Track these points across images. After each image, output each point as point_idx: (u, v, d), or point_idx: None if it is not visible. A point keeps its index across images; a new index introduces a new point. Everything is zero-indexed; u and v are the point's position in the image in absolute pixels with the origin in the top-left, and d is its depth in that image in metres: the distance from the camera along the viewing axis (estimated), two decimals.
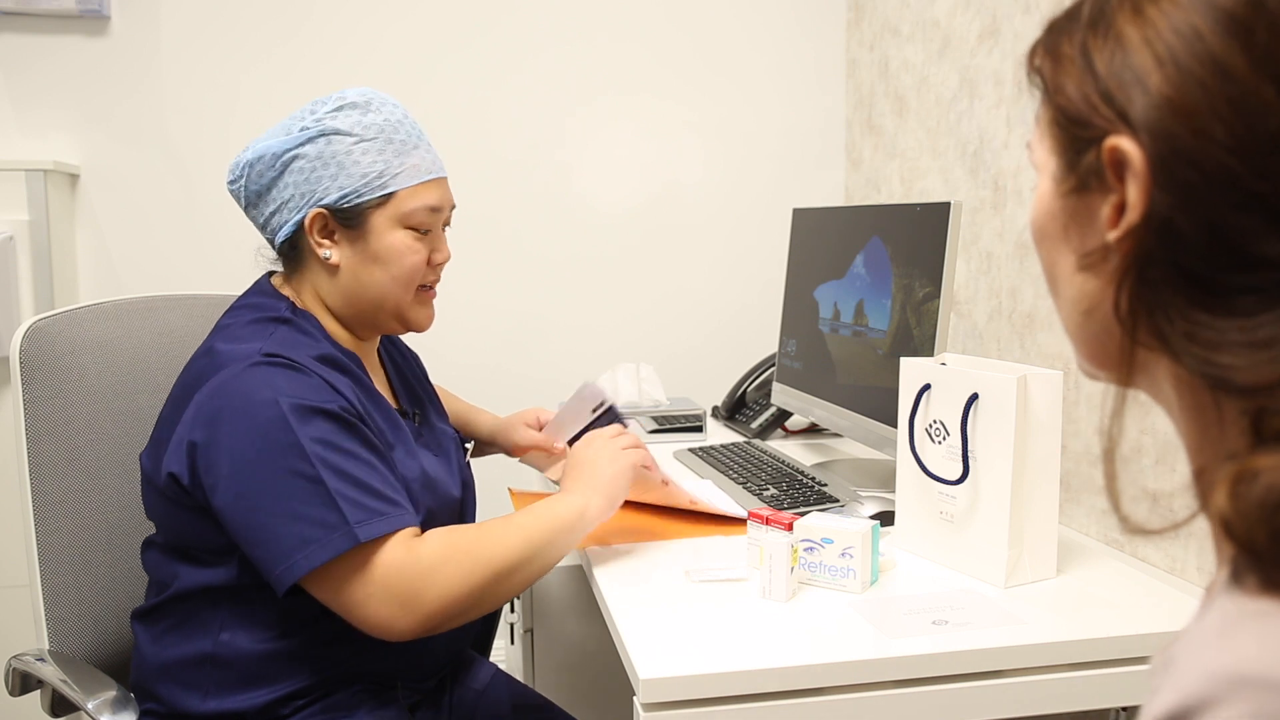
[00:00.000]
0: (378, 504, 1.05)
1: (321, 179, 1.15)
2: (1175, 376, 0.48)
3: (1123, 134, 0.46)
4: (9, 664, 1.21)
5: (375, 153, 1.16)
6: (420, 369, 1.45)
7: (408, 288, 1.20)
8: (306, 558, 1.01)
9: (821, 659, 0.98)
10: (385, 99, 1.21)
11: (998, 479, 1.14)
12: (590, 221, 2.39)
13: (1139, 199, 0.45)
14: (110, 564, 1.28)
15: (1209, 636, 0.41)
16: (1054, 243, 0.53)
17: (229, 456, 1.04)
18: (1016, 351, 1.64)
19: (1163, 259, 0.45)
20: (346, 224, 1.17)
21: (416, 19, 2.28)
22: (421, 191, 1.18)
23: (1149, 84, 0.44)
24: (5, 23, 2.12)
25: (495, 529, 1.12)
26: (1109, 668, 1.02)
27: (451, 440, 1.35)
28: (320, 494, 1.03)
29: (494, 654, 1.50)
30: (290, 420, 1.04)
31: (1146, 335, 0.47)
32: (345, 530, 1.02)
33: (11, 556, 1.86)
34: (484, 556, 1.08)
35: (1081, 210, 0.50)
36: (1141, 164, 0.45)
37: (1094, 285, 0.50)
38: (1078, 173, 0.49)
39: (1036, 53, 0.53)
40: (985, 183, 1.75)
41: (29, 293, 2.03)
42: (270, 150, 1.16)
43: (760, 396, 2.04)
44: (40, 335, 1.25)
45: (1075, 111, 0.49)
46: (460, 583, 1.06)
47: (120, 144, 2.19)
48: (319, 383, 1.09)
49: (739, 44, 2.41)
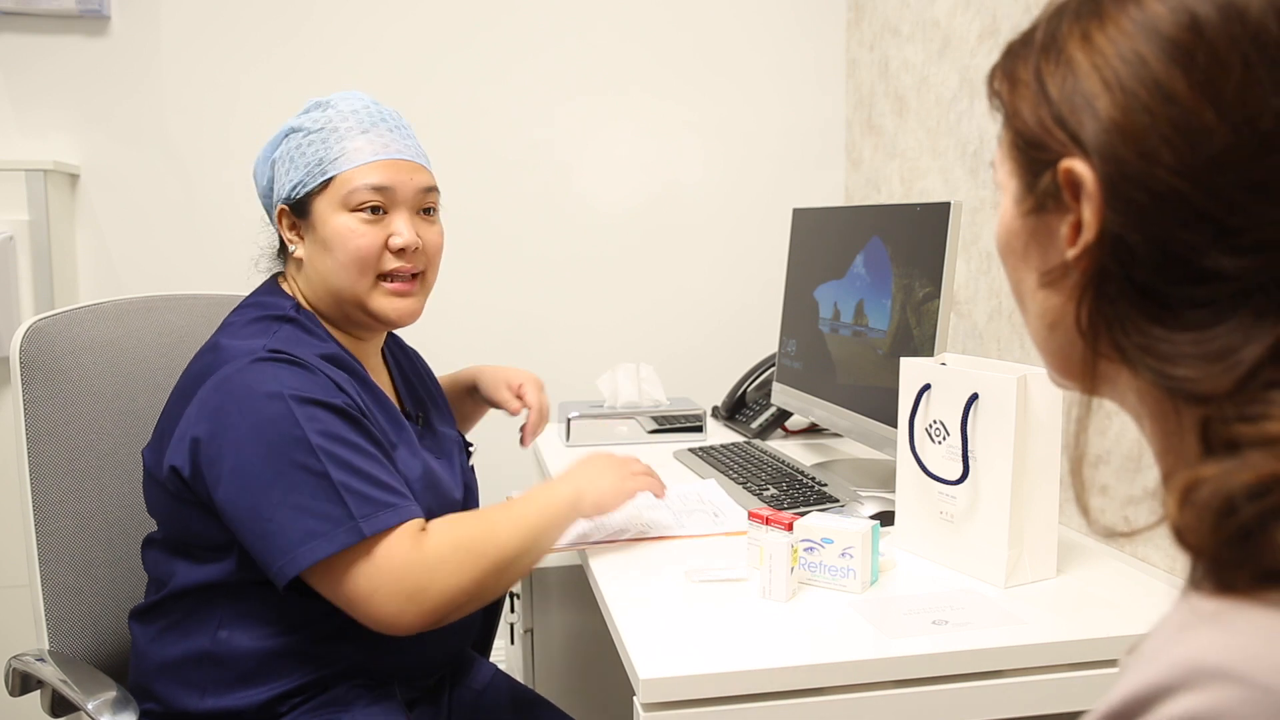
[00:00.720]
0: (384, 495, 1.05)
1: (280, 176, 1.20)
2: (1137, 386, 0.50)
3: (1076, 157, 0.47)
4: (9, 664, 1.21)
5: (319, 143, 1.18)
6: (425, 370, 1.45)
7: (360, 274, 1.17)
8: (310, 550, 1.01)
9: (821, 659, 0.98)
10: (353, 95, 1.22)
11: (998, 479, 1.14)
12: (590, 221, 2.39)
13: (1093, 219, 0.47)
14: (110, 564, 1.28)
15: (1172, 631, 0.43)
16: (1017, 260, 0.55)
17: (233, 450, 1.04)
18: (1016, 351, 1.64)
19: (1117, 275, 0.47)
20: (300, 215, 1.19)
21: (416, 19, 2.28)
22: (364, 171, 1.17)
23: (1098, 108, 0.46)
24: (5, 23, 2.12)
25: (496, 519, 1.13)
26: (1109, 668, 1.02)
27: (454, 444, 1.35)
28: (325, 487, 1.03)
29: (494, 654, 1.50)
30: (295, 413, 1.04)
31: (1107, 347, 0.49)
32: (350, 524, 1.02)
33: (11, 556, 1.86)
34: (488, 548, 1.08)
35: (1041, 229, 0.52)
36: (1094, 185, 0.47)
37: (1056, 301, 0.52)
38: (1035, 194, 0.51)
39: (995, 76, 0.55)
40: (985, 183, 1.75)
41: (29, 293, 2.03)
42: (260, 157, 1.24)
43: (760, 396, 2.04)
44: (40, 335, 1.25)
45: (1031, 135, 0.51)
46: (466, 574, 1.06)
47: (120, 144, 2.19)
48: (323, 379, 1.09)
49: (739, 44, 2.41)
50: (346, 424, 1.07)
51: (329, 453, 1.04)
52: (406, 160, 1.20)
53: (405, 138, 1.22)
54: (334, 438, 1.05)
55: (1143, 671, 0.42)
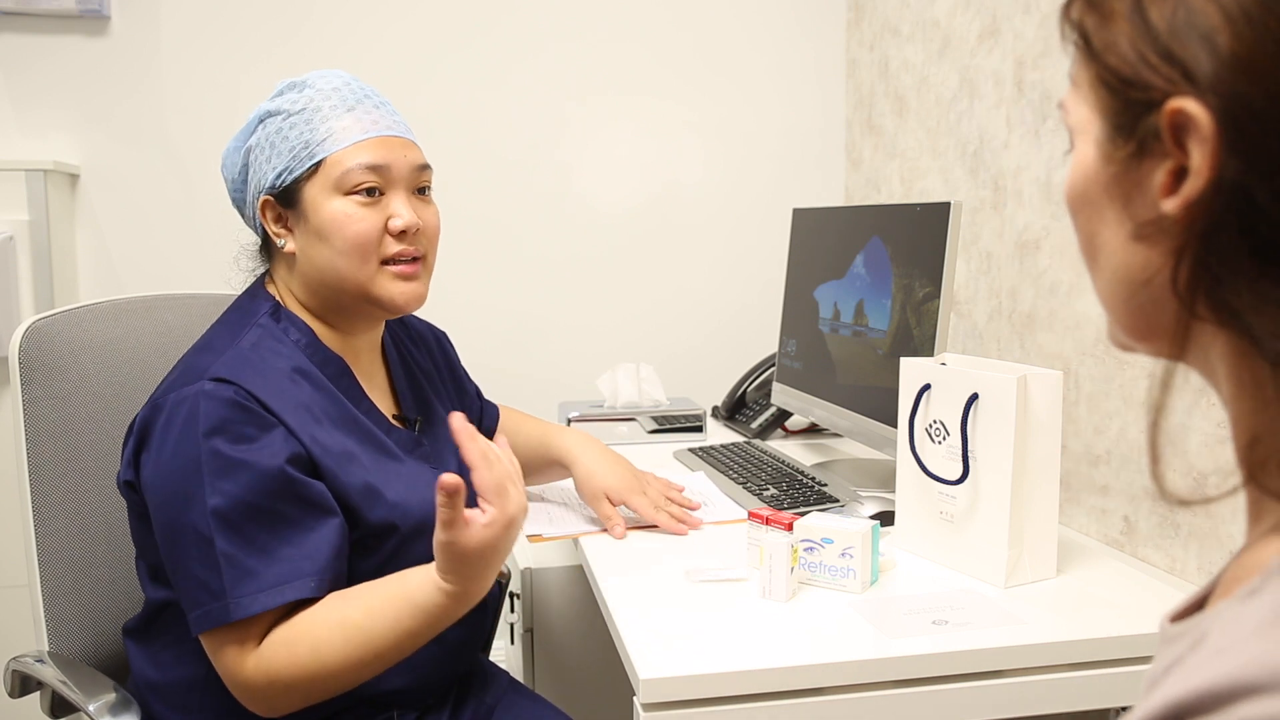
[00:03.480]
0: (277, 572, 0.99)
1: (261, 165, 1.11)
2: (1231, 348, 0.45)
3: (1186, 95, 0.43)
4: (8, 666, 1.21)
5: (302, 125, 1.10)
6: (442, 360, 1.37)
7: (362, 261, 1.10)
8: (195, 620, 0.99)
9: (821, 659, 0.98)
10: (328, 73, 1.15)
11: (998, 479, 1.14)
12: (590, 221, 2.39)
13: (1204, 165, 0.42)
14: (110, 565, 1.28)
15: (1264, 623, 0.39)
16: (1097, 211, 0.49)
17: (153, 489, 1.02)
18: (1016, 351, 1.64)
19: (1232, 227, 0.42)
20: (288, 205, 1.11)
21: (416, 19, 2.28)
22: (355, 151, 1.09)
23: (1217, 42, 0.41)
24: (5, 23, 2.12)
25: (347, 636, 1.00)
26: (1109, 668, 1.02)
27: (454, 453, 1.25)
28: (209, 556, 0.98)
29: (494, 654, 1.50)
30: (203, 469, 0.99)
31: (1204, 308, 0.44)
32: (223, 603, 0.98)
33: (11, 557, 1.86)
34: (321, 678, 1.00)
35: (1127, 177, 0.47)
36: (1210, 127, 0.42)
37: (1146, 256, 0.47)
38: (1134, 137, 0.46)
39: (1074, 6, 0.49)
40: (985, 183, 1.75)
41: (29, 293, 2.03)
42: (230, 148, 1.15)
43: (760, 396, 2.04)
44: (40, 335, 1.25)
45: (1128, 71, 0.45)
46: (298, 698, 1.01)
47: (120, 144, 2.19)
48: (259, 422, 1.02)
49: (739, 44, 2.41)
50: (265, 484, 1.00)
51: (224, 518, 0.98)
52: (398, 137, 1.12)
53: (392, 114, 1.15)
54: (240, 503, 0.99)
55: (1218, 664, 0.38)
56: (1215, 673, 0.37)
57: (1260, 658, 0.37)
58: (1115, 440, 1.41)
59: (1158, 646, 0.47)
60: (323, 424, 1.08)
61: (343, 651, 0.99)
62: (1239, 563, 0.46)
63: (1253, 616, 0.40)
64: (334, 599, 1.02)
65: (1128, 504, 1.39)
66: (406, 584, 1.01)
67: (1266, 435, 0.45)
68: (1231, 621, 0.41)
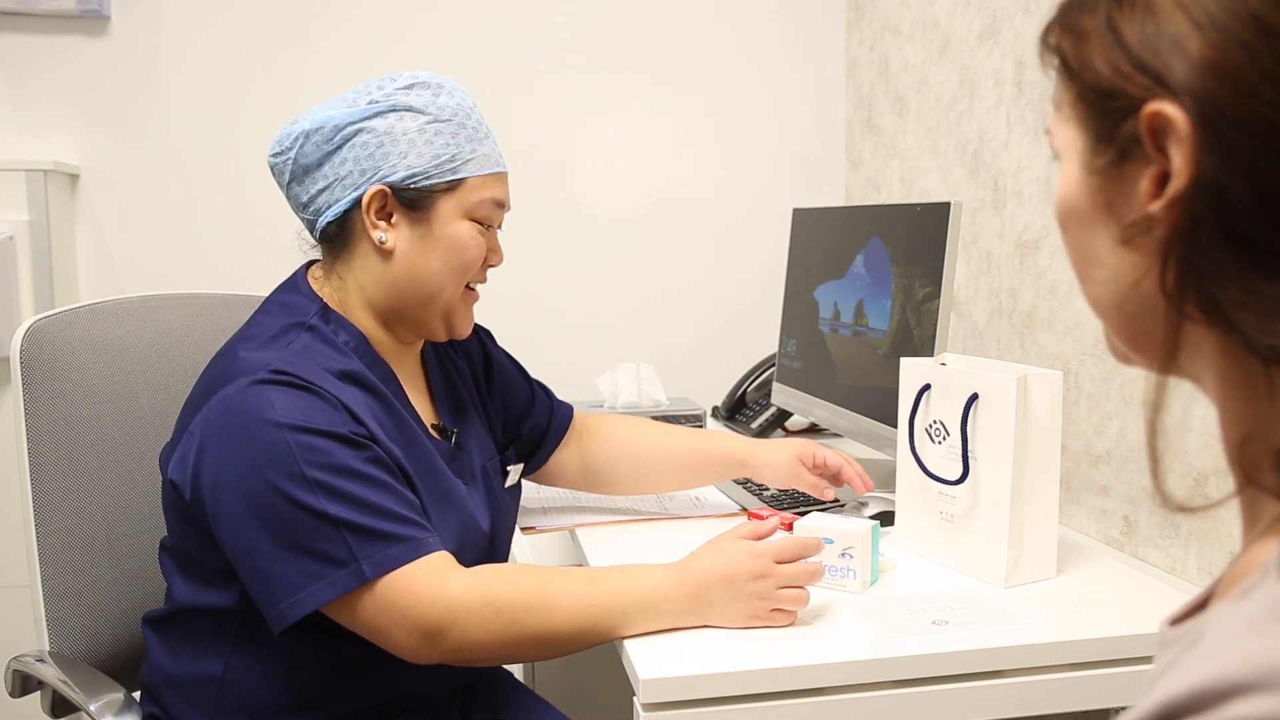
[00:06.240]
0: (396, 528, 0.99)
1: (389, 155, 1.08)
2: (1220, 348, 0.46)
3: (1162, 99, 0.44)
4: (9, 665, 1.21)
5: (449, 135, 1.10)
6: (480, 364, 1.34)
7: (460, 282, 1.13)
8: (311, 595, 0.96)
9: (821, 659, 0.98)
10: (457, 85, 1.15)
11: (998, 479, 1.14)
12: (590, 221, 2.39)
13: (1184, 164, 0.44)
14: (110, 564, 1.28)
15: (1257, 621, 0.39)
16: (1087, 222, 0.51)
17: (231, 483, 0.98)
18: (1016, 351, 1.65)
19: (1212, 225, 0.43)
20: (409, 206, 1.09)
21: (417, 22, 2.28)
22: (490, 183, 1.13)
23: (1188, 48, 0.43)
24: (5, 23, 2.12)
25: (556, 588, 1.03)
26: (1109, 668, 1.02)
27: (486, 464, 1.25)
28: (324, 526, 0.96)
29: None
30: (292, 445, 0.97)
31: (1192, 308, 0.46)
32: (353, 566, 0.96)
33: (11, 556, 1.86)
34: (529, 618, 1.01)
35: (1114, 187, 0.48)
36: (1186, 127, 0.43)
37: (1135, 260, 0.48)
38: (1114, 144, 0.48)
39: (1052, 31, 0.51)
40: (985, 183, 1.75)
41: (29, 293, 2.03)
42: (332, 121, 1.08)
43: (760, 396, 2.04)
44: (40, 335, 1.25)
45: (1105, 84, 0.47)
46: (491, 635, 1.00)
47: (120, 144, 2.19)
48: (329, 404, 1.01)
49: (739, 44, 2.41)
50: (353, 451, 1.00)
51: (329, 487, 0.97)
52: (507, 175, 1.17)
53: (498, 146, 1.17)
54: (336, 469, 0.98)
55: (1211, 664, 0.38)
56: (1206, 672, 0.38)
57: (1251, 656, 0.37)
58: (1115, 440, 1.41)
59: (1157, 650, 0.47)
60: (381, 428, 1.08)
61: (529, 588, 1.02)
62: (1237, 565, 0.46)
63: (1245, 616, 0.40)
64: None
65: (1128, 504, 1.39)
66: (623, 567, 1.08)
67: (1258, 433, 0.45)
68: (1225, 622, 0.41)
